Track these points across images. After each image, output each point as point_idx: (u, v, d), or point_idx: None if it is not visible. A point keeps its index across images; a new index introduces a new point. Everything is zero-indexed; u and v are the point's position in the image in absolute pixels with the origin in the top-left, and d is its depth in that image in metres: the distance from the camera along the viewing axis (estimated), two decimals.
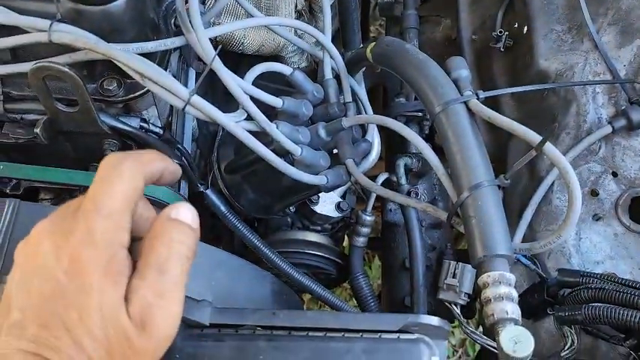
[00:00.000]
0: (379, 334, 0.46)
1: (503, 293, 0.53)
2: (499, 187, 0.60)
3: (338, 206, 0.95)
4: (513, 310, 0.53)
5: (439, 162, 0.64)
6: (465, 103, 0.64)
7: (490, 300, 0.54)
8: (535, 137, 0.57)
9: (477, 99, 0.64)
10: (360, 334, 0.45)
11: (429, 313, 0.89)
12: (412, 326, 0.47)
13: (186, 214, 0.46)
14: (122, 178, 0.45)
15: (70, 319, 0.41)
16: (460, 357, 1.63)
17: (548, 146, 0.56)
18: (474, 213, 0.58)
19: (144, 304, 0.43)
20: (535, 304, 0.71)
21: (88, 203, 0.45)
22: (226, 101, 0.96)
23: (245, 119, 0.69)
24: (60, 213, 0.47)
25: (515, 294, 0.54)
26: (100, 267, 0.42)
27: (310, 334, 0.45)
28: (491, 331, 0.54)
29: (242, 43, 0.88)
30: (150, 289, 0.43)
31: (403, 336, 0.46)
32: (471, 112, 0.64)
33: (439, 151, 0.72)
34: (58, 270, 0.42)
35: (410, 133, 0.67)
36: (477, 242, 0.56)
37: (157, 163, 0.48)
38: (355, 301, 0.97)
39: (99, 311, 0.42)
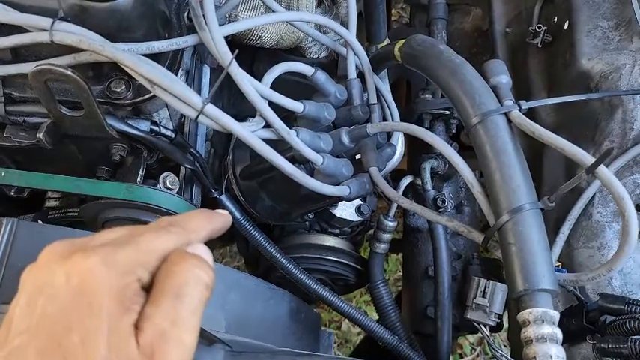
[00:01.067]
0: None
1: (547, 334, 0.49)
2: (542, 210, 0.55)
3: (359, 210, 0.90)
4: (558, 353, 0.48)
5: (475, 179, 0.59)
6: (506, 114, 0.58)
7: (531, 340, 0.49)
8: (587, 159, 0.51)
9: (519, 110, 0.58)
10: None
11: (453, 327, 0.86)
12: None
13: (202, 251, 0.44)
14: (168, 235, 0.42)
15: (71, 344, 0.37)
16: (478, 355, 1.59)
17: (602, 169, 0.50)
18: (513, 240, 0.52)
19: (156, 333, 0.39)
20: (572, 329, 0.66)
21: (126, 235, 0.42)
22: (244, 97, 0.91)
23: (263, 127, 0.63)
24: (78, 239, 0.43)
25: (559, 334, 0.49)
26: (113, 290, 0.39)
27: None
28: None
29: (260, 37, 0.82)
30: (164, 316, 0.39)
31: None
32: (511, 123, 0.58)
33: (468, 150, 0.66)
34: (66, 288, 0.38)
35: (445, 147, 0.61)
36: (518, 274, 0.51)
37: (201, 232, 0.45)
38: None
39: (105, 337, 0.38)
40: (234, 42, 0.83)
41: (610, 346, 0.59)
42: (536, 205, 0.54)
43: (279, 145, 0.66)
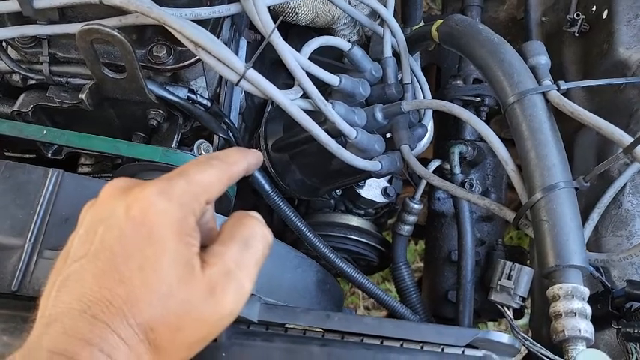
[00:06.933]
0: (442, 346, 0.42)
1: (576, 308, 0.49)
2: (576, 189, 0.55)
3: (384, 191, 0.91)
4: (586, 328, 0.48)
5: (509, 156, 0.59)
6: (544, 93, 0.58)
7: (561, 314, 0.49)
8: (625, 138, 0.51)
9: (558, 90, 0.58)
10: (421, 345, 0.41)
11: (474, 311, 0.86)
12: (480, 342, 0.42)
13: (263, 220, 0.46)
14: (211, 169, 0.44)
15: (128, 270, 0.38)
16: None
17: None
18: (546, 217, 0.53)
19: (223, 269, 0.40)
20: (596, 314, 0.66)
21: (173, 172, 0.43)
22: (273, 71, 0.92)
23: (300, 97, 0.64)
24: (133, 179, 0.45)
25: (589, 310, 0.50)
26: (172, 222, 0.40)
27: (365, 340, 0.41)
28: (559, 348, 0.49)
29: (296, 13, 0.83)
30: (232, 257, 0.41)
31: (468, 351, 0.42)
32: (548, 104, 0.59)
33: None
34: (125, 219, 0.40)
35: (479, 124, 0.62)
36: (549, 250, 0.52)
37: (240, 165, 0.47)
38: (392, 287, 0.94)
39: (165, 265, 0.39)
40: None
41: (636, 330, 0.59)
42: (571, 184, 0.54)
43: (314, 117, 0.67)
